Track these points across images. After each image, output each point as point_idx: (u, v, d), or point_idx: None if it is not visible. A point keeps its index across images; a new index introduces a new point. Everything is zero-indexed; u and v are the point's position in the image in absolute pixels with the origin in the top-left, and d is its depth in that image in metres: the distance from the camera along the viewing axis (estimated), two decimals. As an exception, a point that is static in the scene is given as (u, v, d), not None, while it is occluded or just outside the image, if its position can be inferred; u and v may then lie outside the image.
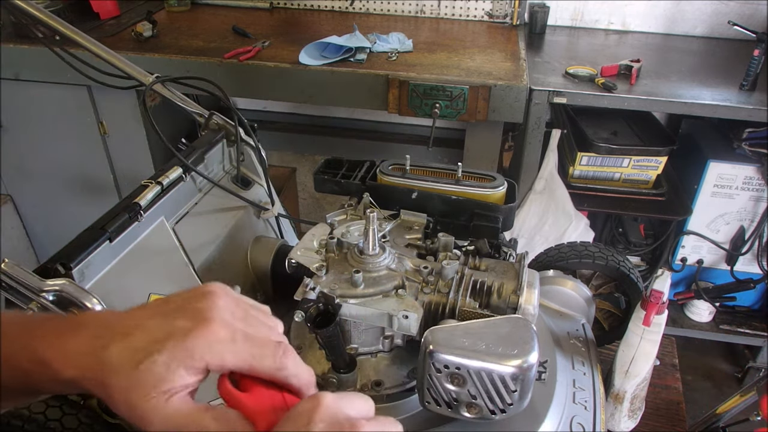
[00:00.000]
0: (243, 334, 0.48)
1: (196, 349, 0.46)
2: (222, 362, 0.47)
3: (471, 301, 0.86)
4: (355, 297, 0.84)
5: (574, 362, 1.01)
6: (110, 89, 1.33)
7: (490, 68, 2.03)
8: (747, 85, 1.95)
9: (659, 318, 1.01)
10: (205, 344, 0.46)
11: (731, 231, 2.23)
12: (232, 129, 1.24)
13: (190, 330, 0.46)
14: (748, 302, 2.41)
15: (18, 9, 1.16)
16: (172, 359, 0.45)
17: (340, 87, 2.00)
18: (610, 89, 1.92)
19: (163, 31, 2.28)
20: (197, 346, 0.46)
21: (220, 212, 1.20)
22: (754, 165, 2.08)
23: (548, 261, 1.26)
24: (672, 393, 1.28)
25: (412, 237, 1.01)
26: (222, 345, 0.47)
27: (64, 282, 0.77)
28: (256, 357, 0.48)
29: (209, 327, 0.47)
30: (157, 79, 1.19)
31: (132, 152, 2.31)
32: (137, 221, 0.97)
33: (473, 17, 2.60)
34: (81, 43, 1.20)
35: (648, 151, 2.13)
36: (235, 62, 2.01)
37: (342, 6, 2.67)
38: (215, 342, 0.46)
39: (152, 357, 0.45)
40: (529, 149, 2.05)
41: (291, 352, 0.50)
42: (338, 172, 1.17)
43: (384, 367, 0.90)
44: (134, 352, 0.45)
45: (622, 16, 2.54)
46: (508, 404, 0.74)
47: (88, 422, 0.82)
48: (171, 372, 0.45)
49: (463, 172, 1.10)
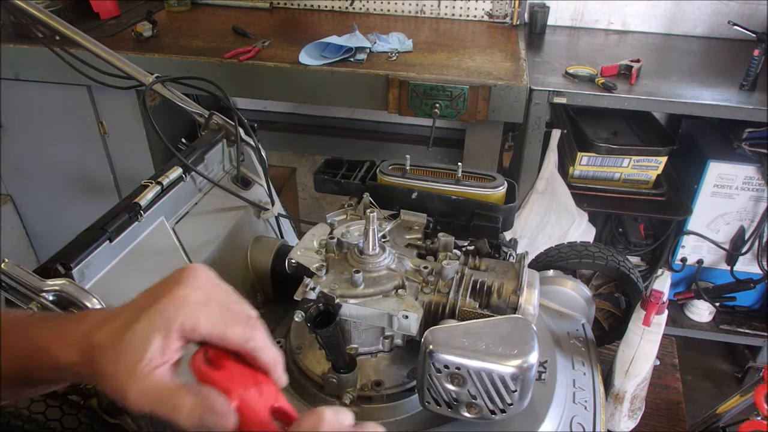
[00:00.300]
0: (216, 301, 0.50)
1: (170, 310, 0.47)
2: (195, 324, 0.48)
3: (471, 301, 0.86)
4: (355, 297, 0.84)
5: (574, 362, 1.02)
6: (110, 89, 1.33)
7: (490, 68, 2.03)
8: (747, 85, 1.95)
9: (659, 318, 1.01)
10: (179, 305, 0.48)
11: (731, 231, 2.23)
12: (232, 129, 1.24)
13: (165, 294, 0.48)
14: (748, 302, 2.41)
15: (18, 9, 1.16)
16: (150, 326, 0.46)
17: (340, 87, 2.00)
18: (610, 89, 1.92)
19: (163, 31, 2.28)
20: (171, 308, 0.47)
21: (220, 212, 1.20)
22: (754, 165, 2.08)
23: (548, 261, 1.26)
24: (672, 393, 1.28)
25: (412, 237, 1.01)
26: (196, 307, 0.48)
27: (64, 282, 0.77)
28: (228, 323, 0.49)
29: (184, 289, 0.49)
30: (157, 79, 1.19)
31: (132, 152, 2.31)
32: (137, 221, 0.97)
33: (473, 17, 2.60)
34: (81, 43, 1.20)
35: (648, 151, 2.13)
36: (235, 62, 2.01)
37: (342, 6, 2.67)
38: (189, 303, 0.48)
39: (132, 328, 0.47)
40: (529, 149, 2.05)
41: (261, 327, 0.52)
42: (338, 172, 1.17)
43: (384, 367, 0.90)
44: (117, 329, 0.47)
45: (622, 16, 2.54)
46: (508, 404, 0.74)
47: (88, 422, 0.82)
48: (150, 340, 0.46)
49: (463, 172, 1.10)
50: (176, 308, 0.48)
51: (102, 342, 0.47)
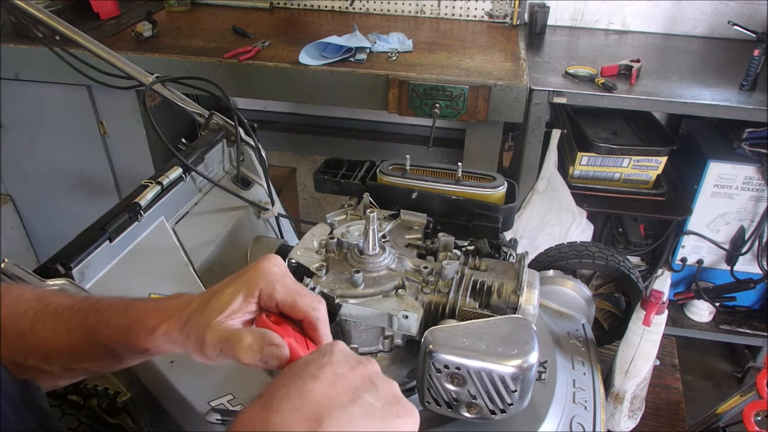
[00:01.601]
0: (290, 277, 0.61)
1: (253, 279, 0.59)
2: (272, 291, 0.59)
3: (471, 301, 0.86)
4: (355, 297, 0.84)
5: (574, 362, 1.01)
6: (110, 89, 1.33)
7: (490, 68, 2.03)
8: (747, 85, 1.95)
9: (659, 318, 1.01)
10: (260, 275, 0.59)
11: (731, 231, 2.23)
12: (232, 129, 1.24)
13: (250, 267, 0.61)
14: (748, 302, 2.41)
15: (18, 9, 1.16)
16: (235, 289, 0.58)
17: (340, 87, 2.00)
18: (610, 89, 1.92)
19: (163, 31, 2.28)
20: (254, 277, 0.59)
21: (220, 212, 1.20)
22: (754, 165, 2.08)
23: (548, 261, 1.26)
24: (672, 393, 1.28)
25: (412, 237, 1.01)
26: (274, 276, 0.59)
27: (64, 282, 0.78)
28: (300, 293, 0.60)
29: (266, 263, 0.60)
30: (157, 79, 1.19)
31: (132, 152, 2.31)
32: (137, 221, 0.97)
33: (473, 17, 2.60)
34: (81, 43, 1.20)
35: (648, 151, 2.13)
36: (235, 62, 2.01)
37: (342, 6, 2.67)
38: (269, 274, 0.59)
39: (222, 291, 0.59)
40: (529, 149, 2.05)
41: (325, 304, 0.62)
42: (338, 172, 1.17)
43: (384, 367, 0.90)
44: (210, 294, 0.59)
45: (622, 16, 2.54)
46: (508, 404, 0.74)
47: (88, 422, 0.82)
48: (233, 297, 0.57)
49: (463, 172, 1.10)
50: (258, 277, 0.59)
51: (196, 306, 0.58)
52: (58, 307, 0.62)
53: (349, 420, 0.49)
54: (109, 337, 0.60)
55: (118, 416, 0.87)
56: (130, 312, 0.61)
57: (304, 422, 0.48)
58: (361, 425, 0.49)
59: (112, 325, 0.60)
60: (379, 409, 0.52)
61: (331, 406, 0.49)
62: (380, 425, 0.51)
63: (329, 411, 0.49)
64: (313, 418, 0.48)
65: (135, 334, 0.59)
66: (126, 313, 0.61)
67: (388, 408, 0.53)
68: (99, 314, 0.61)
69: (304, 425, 0.47)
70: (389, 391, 0.55)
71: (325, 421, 0.48)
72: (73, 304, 0.63)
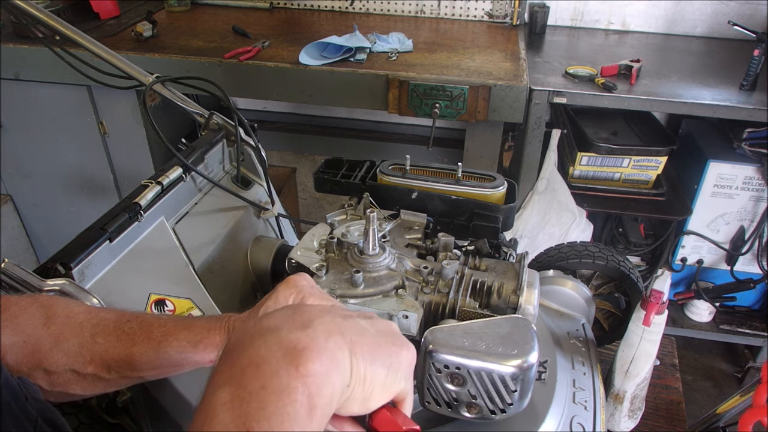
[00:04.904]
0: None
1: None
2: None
3: (471, 301, 0.86)
4: (355, 297, 0.84)
5: (574, 362, 1.01)
6: (110, 89, 1.33)
7: (490, 68, 2.03)
8: (747, 85, 1.95)
9: (659, 318, 1.01)
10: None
11: (731, 231, 2.23)
12: (232, 129, 1.24)
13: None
14: (748, 302, 2.41)
15: (18, 9, 1.16)
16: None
17: (340, 87, 2.00)
18: (610, 89, 1.92)
19: (163, 31, 2.28)
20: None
21: (220, 212, 1.20)
22: (754, 165, 2.08)
23: (548, 261, 1.26)
24: (672, 393, 1.28)
25: (412, 237, 1.01)
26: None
27: (64, 282, 0.77)
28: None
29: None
30: (157, 79, 1.19)
31: (132, 152, 2.31)
32: (137, 221, 0.97)
33: (473, 17, 2.60)
34: (81, 43, 1.20)
35: (648, 151, 2.13)
36: (235, 62, 2.01)
37: (342, 6, 2.67)
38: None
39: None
40: (529, 149, 2.05)
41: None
42: (338, 172, 1.17)
43: (384, 367, 0.90)
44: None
45: (622, 16, 2.54)
46: (508, 404, 0.74)
47: (88, 422, 0.82)
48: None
49: (463, 172, 1.10)
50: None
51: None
52: (117, 321, 0.67)
53: (339, 327, 0.52)
54: (177, 349, 0.65)
55: (118, 416, 0.87)
56: (196, 328, 0.66)
57: (294, 325, 0.50)
58: (350, 336, 0.52)
59: (181, 339, 0.65)
60: (372, 333, 0.55)
61: (323, 313, 0.53)
62: (369, 343, 0.53)
63: (320, 316, 0.52)
64: (302, 321, 0.51)
65: (203, 348, 0.65)
66: (192, 329, 0.66)
67: (382, 335, 0.56)
68: (164, 329, 0.66)
69: (294, 327, 0.50)
70: (386, 325, 0.58)
71: (315, 323, 0.51)
72: (131, 319, 0.67)
